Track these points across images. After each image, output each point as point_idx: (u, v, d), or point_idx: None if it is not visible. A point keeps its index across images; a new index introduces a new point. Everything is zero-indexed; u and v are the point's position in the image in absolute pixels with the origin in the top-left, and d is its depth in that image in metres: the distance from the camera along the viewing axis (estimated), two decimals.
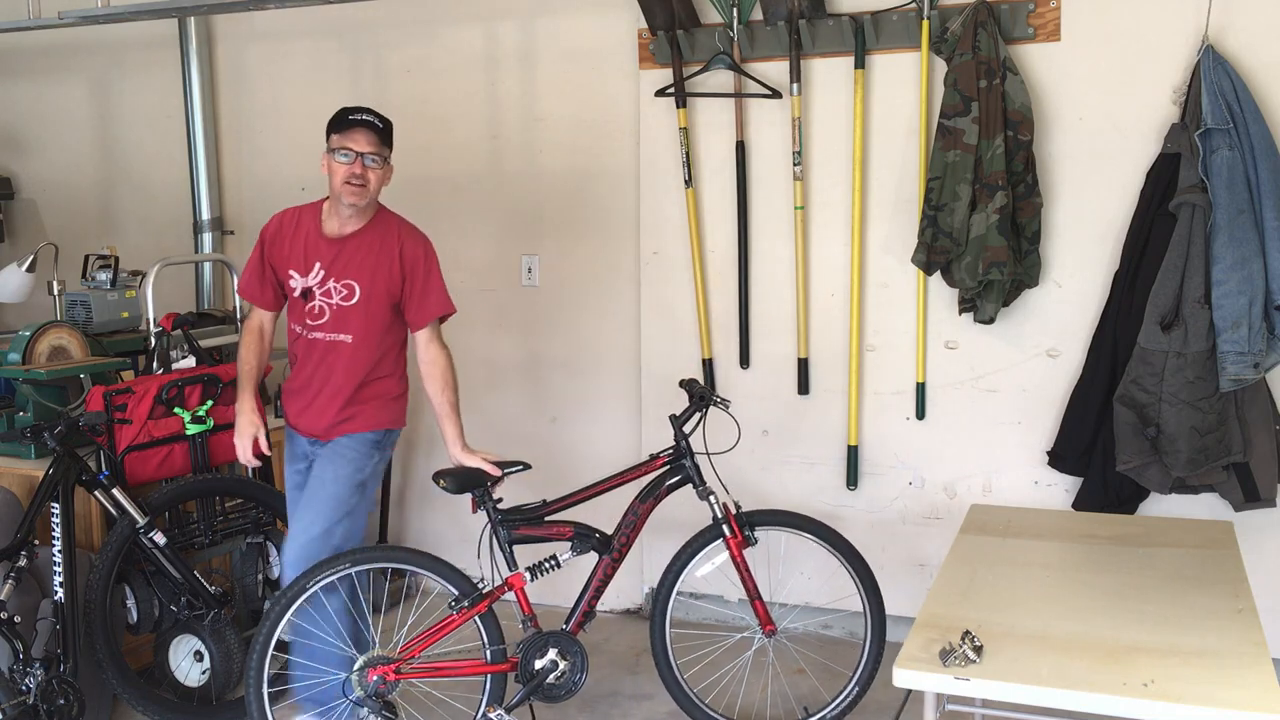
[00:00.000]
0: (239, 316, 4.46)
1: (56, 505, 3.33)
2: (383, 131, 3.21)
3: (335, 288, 3.25)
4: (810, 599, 4.14)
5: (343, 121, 3.19)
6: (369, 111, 3.21)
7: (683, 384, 3.52)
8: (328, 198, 3.30)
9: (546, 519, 3.33)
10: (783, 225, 4.14)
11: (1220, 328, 3.45)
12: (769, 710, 3.64)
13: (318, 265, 3.25)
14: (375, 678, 3.11)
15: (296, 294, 3.28)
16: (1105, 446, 3.70)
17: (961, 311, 3.90)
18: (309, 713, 3.31)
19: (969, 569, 2.70)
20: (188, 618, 3.56)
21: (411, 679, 3.20)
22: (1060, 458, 3.85)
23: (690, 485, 3.37)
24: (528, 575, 3.27)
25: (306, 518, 3.30)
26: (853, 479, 4.13)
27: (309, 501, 3.33)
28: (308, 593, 3.13)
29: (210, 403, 3.78)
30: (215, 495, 3.83)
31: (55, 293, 4.27)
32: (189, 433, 3.70)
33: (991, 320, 3.83)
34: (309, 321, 3.29)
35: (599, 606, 3.38)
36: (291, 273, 3.28)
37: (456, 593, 3.21)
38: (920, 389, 4.03)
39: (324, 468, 3.35)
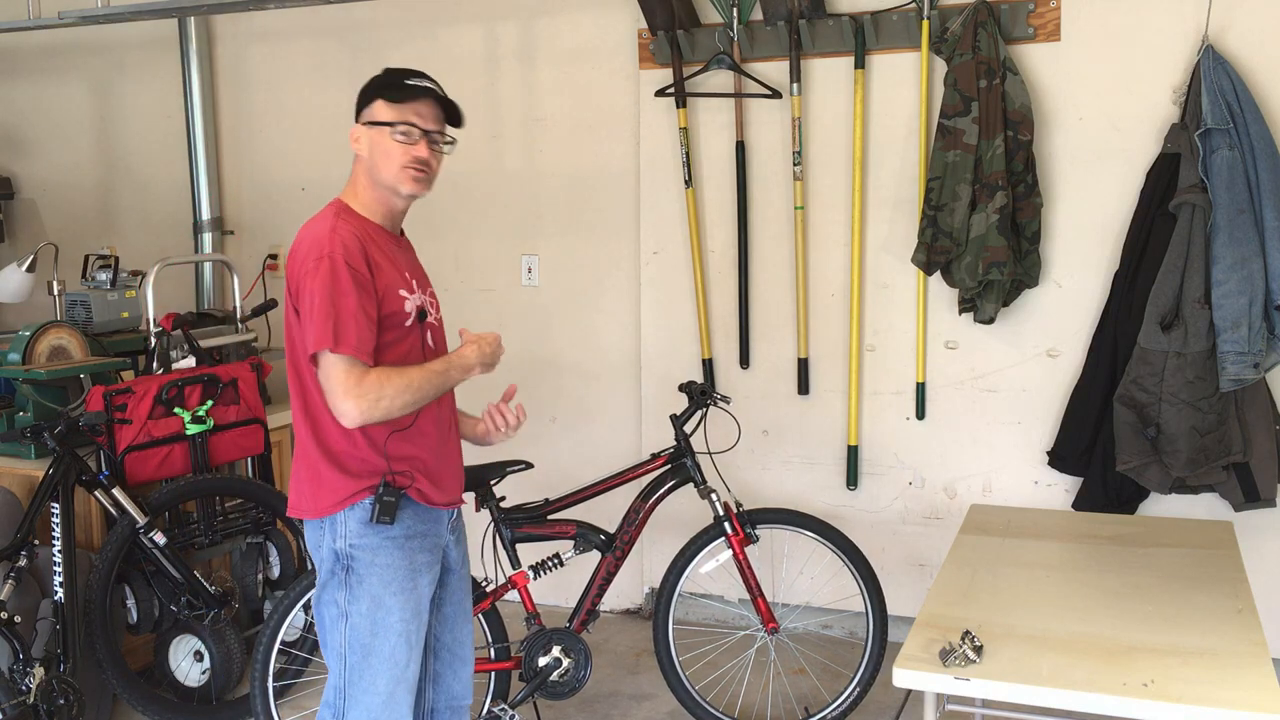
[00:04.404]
0: (239, 317, 4.45)
1: (56, 505, 3.34)
2: (447, 105, 2.45)
3: (428, 302, 2.51)
4: (811, 599, 4.14)
5: (399, 87, 2.39)
6: (430, 78, 2.45)
7: (682, 387, 3.52)
8: (340, 198, 2.46)
9: (549, 518, 3.34)
10: (783, 225, 4.14)
11: (1220, 328, 3.46)
12: (770, 710, 3.65)
13: (408, 276, 2.45)
14: None
15: (409, 322, 2.41)
16: (1105, 446, 3.71)
17: (961, 311, 3.90)
18: None
19: (969, 569, 2.71)
20: (188, 618, 3.56)
21: None
22: (1060, 458, 3.85)
23: (691, 485, 3.38)
24: (531, 573, 3.28)
25: (469, 636, 2.70)
26: (853, 479, 4.14)
27: (466, 608, 2.69)
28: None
29: (210, 403, 3.77)
30: (215, 495, 3.83)
31: (55, 293, 4.27)
32: (189, 433, 3.70)
33: (991, 320, 3.83)
34: (430, 346, 2.48)
35: (600, 606, 3.39)
36: (403, 293, 2.40)
37: None
38: (920, 389, 4.03)
39: (464, 552, 2.68)
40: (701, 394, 3.44)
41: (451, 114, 2.45)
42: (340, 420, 2.30)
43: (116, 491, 3.45)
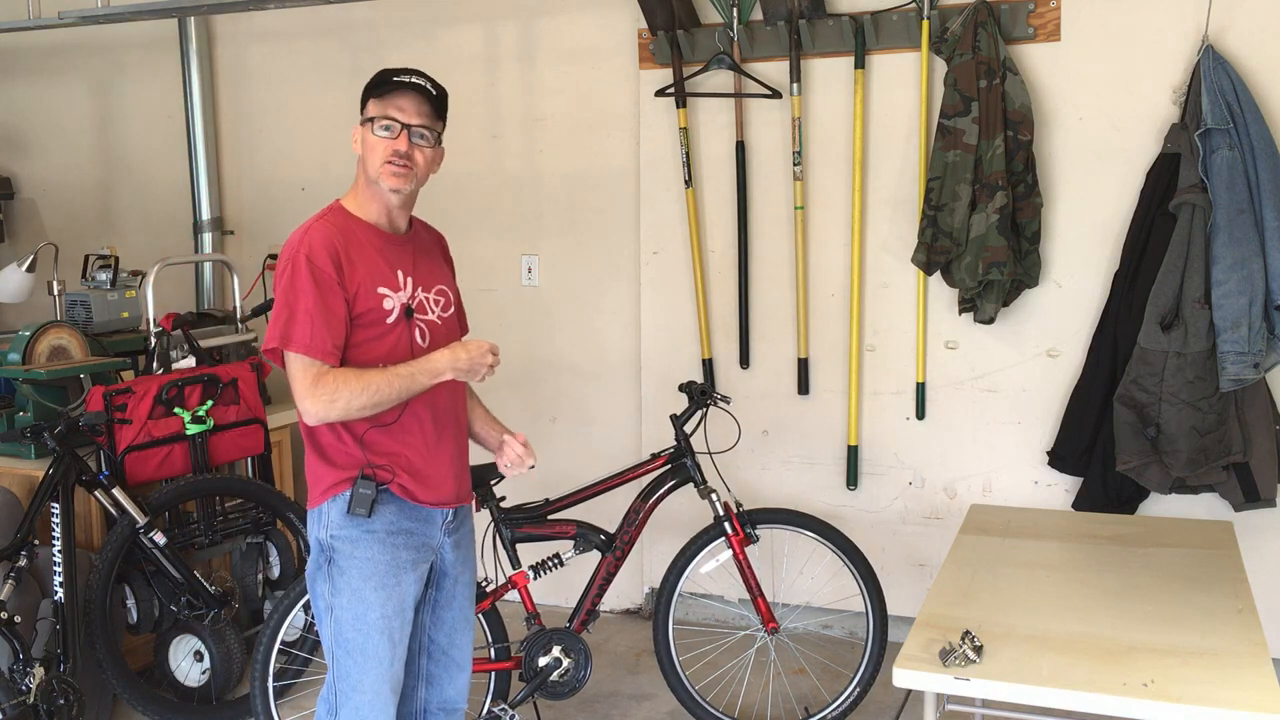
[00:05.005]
0: (239, 317, 4.45)
1: (56, 505, 3.34)
2: (437, 100, 2.46)
3: (430, 299, 2.52)
4: (811, 599, 4.14)
5: (384, 84, 2.42)
6: (419, 74, 2.45)
7: (682, 387, 3.52)
8: (339, 199, 2.51)
9: (549, 518, 3.34)
10: (783, 225, 4.14)
11: (1220, 328, 3.46)
12: (770, 710, 3.64)
13: (400, 274, 2.47)
14: None
15: (391, 319, 2.43)
16: (1105, 446, 3.71)
17: (961, 311, 3.90)
18: None
19: (969, 569, 2.71)
20: (188, 618, 3.56)
21: None
22: (1060, 458, 3.85)
23: (691, 485, 3.38)
24: (531, 573, 3.28)
25: (467, 642, 2.69)
26: (853, 479, 4.14)
27: (467, 614, 2.67)
28: None
29: (210, 403, 3.77)
30: (215, 495, 3.83)
31: (55, 293, 4.27)
32: (189, 433, 3.70)
33: (991, 320, 3.83)
34: (420, 347, 2.47)
35: (600, 606, 3.39)
36: (382, 291, 2.42)
37: None
38: (920, 389, 4.03)
39: (466, 556, 2.65)
40: (701, 394, 3.44)
41: (440, 107, 2.47)
42: (303, 417, 2.37)
43: (116, 491, 3.45)
